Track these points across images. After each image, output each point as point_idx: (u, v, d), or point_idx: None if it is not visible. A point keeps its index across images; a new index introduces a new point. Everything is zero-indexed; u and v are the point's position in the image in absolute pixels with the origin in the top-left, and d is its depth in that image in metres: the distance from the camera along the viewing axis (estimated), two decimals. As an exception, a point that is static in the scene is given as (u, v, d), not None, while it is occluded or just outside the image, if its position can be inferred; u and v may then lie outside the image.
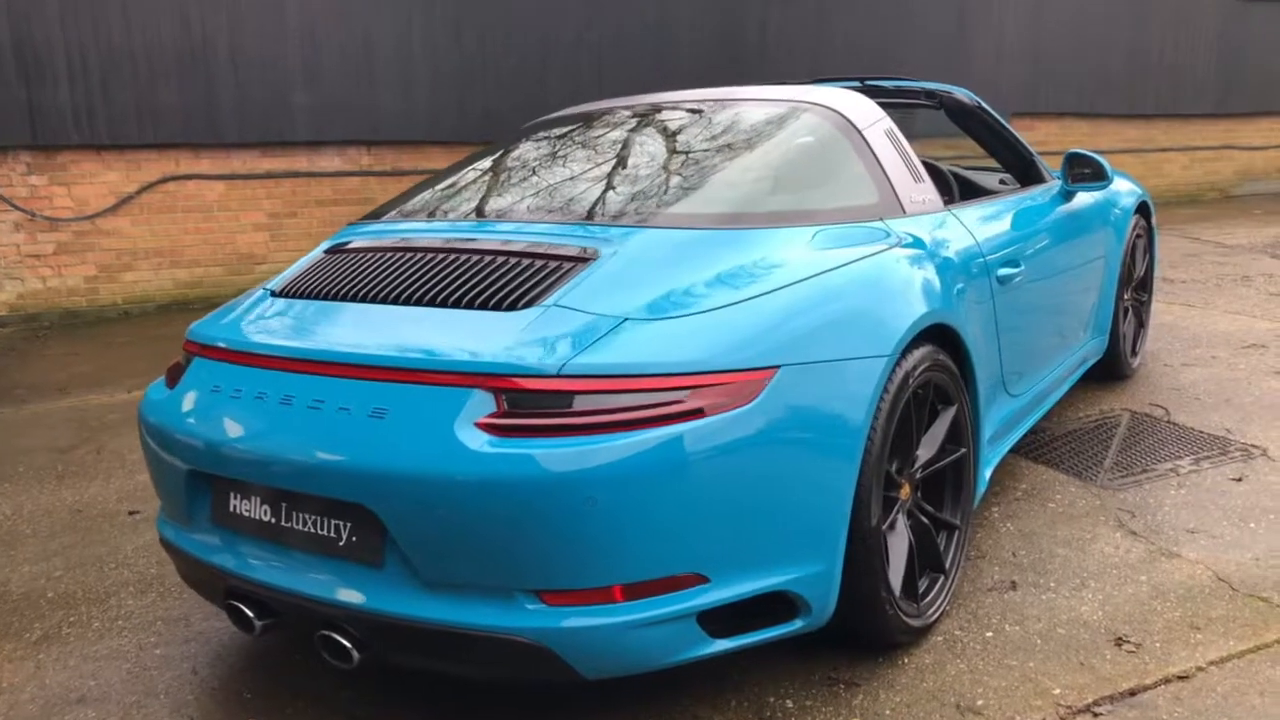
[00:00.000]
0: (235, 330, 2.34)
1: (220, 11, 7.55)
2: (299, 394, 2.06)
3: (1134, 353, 4.52)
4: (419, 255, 2.37)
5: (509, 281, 2.16)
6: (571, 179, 2.68)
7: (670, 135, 2.83)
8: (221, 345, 2.30)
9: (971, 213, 3.04)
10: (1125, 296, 4.41)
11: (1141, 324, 4.63)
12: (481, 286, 2.16)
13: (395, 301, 2.21)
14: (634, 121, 2.99)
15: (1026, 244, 3.23)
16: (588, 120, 3.13)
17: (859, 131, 2.81)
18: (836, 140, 2.78)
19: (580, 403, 1.88)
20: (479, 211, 2.62)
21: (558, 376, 1.88)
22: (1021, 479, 3.41)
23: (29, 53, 7.10)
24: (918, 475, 2.51)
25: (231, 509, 2.17)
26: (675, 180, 2.54)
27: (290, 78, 7.82)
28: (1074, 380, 3.89)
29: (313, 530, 2.04)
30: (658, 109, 3.07)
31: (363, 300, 2.26)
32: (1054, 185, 3.69)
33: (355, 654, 2.00)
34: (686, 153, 2.70)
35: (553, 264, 2.20)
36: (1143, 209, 4.46)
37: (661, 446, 1.86)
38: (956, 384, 2.55)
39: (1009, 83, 10.86)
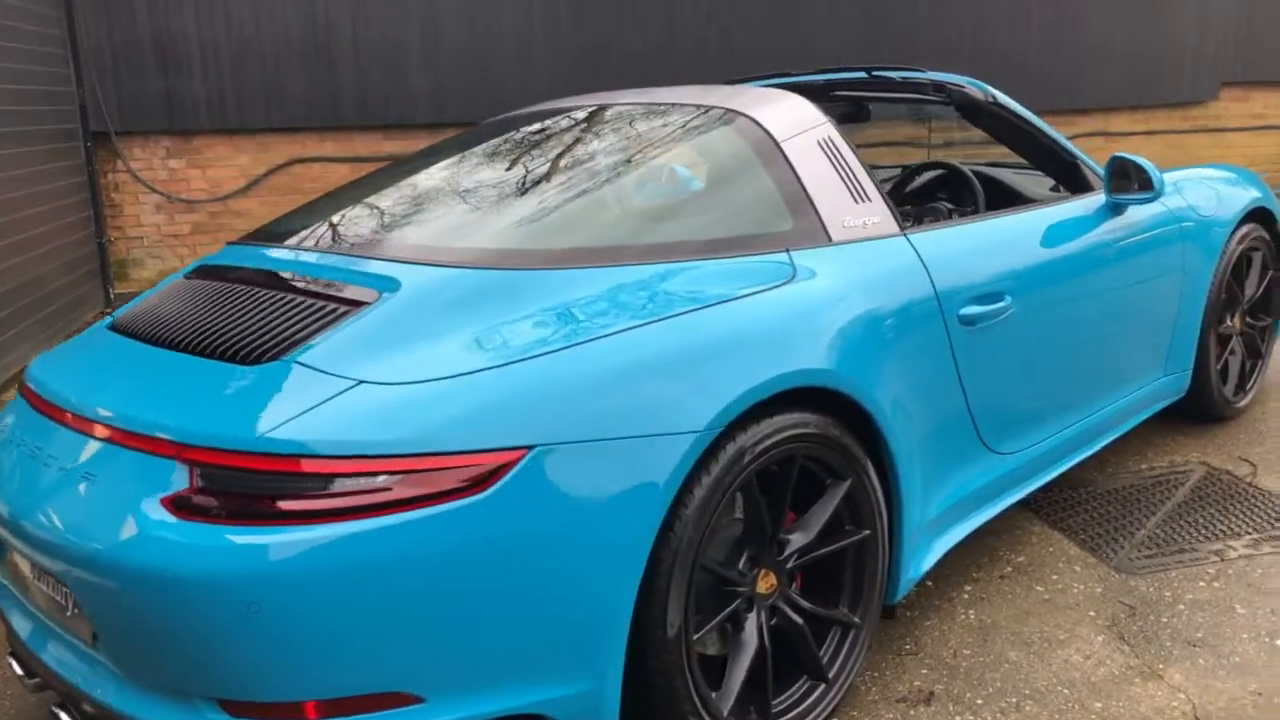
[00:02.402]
0: (47, 369, 2.22)
1: (344, 2, 7.67)
2: (46, 447, 1.92)
3: (1243, 390, 3.76)
4: (230, 289, 2.17)
5: (273, 328, 1.92)
6: (415, 203, 2.40)
7: (550, 151, 2.50)
8: (29, 385, 2.19)
9: (937, 237, 2.52)
10: (1230, 323, 3.66)
11: (1259, 355, 3.85)
12: (246, 332, 1.94)
13: (174, 345, 2.02)
14: (528, 132, 2.66)
15: (1028, 272, 2.68)
16: (491, 130, 2.82)
17: (776, 144, 2.38)
18: (742, 155, 2.36)
19: (272, 485, 1.63)
20: (321, 238, 2.38)
21: (251, 453, 1.64)
22: (1023, 549, 2.87)
23: (166, 44, 7.46)
24: (789, 565, 2.10)
25: (11, 560, 2.07)
26: (513, 208, 2.21)
27: (410, 61, 7.87)
28: (1129, 426, 3.26)
29: (51, 595, 1.90)
30: (567, 114, 2.72)
31: (155, 341, 2.09)
32: (1100, 196, 3.06)
33: None
34: (551, 174, 2.36)
35: (329, 307, 1.94)
36: (1259, 216, 3.68)
37: (351, 543, 1.58)
38: (849, 456, 2.11)
39: (1215, 47, 9.55)
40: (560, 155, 2.43)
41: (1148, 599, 2.57)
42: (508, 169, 2.44)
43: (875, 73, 3.13)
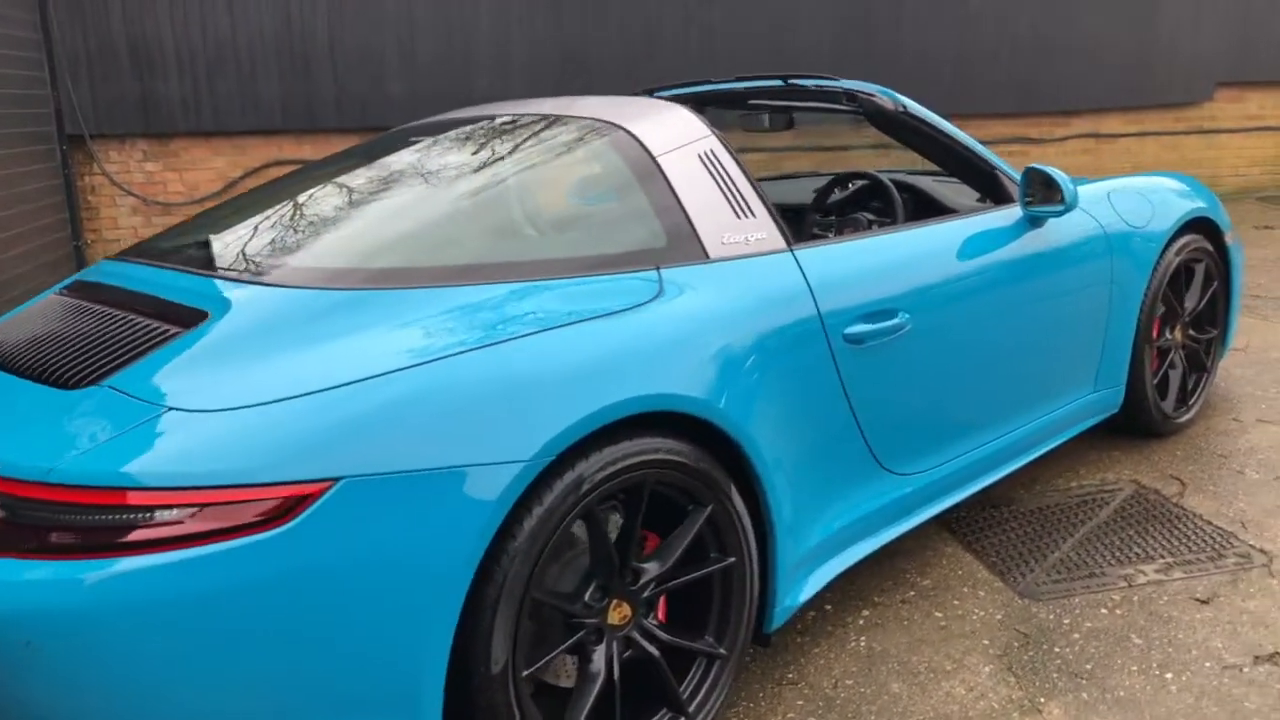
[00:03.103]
0: None
1: (320, 6, 7.65)
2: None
3: (1185, 405, 3.66)
4: (83, 308, 2.13)
5: (102, 350, 1.87)
6: (278, 219, 2.34)
7: (420, 167, 2.43)
8: None
9: (827, 253, 2.45)
10: (1169, 336, 3.57)
11: (1204, 369, 3.75)
12: (76, 355, 1.89)
13: (14, 367, 1.97)
14: (408, 147, 2.60)
15: (929, 288, 2.60)
16: (376, 144, 2.76)
17: (652, 158, 2.32)
18: (615, 170, 2.30)
19: (64, 518, 1.58)
20: (188, 255, 2.33)
21: (43, 484, 1.59)
22: (931, 571, 2.80)
23: (141, 48, 7.46)
24: (646, 594, 2.04)
25: None
26: (363, 226, 2.16)
27: (386, 65, 7.84)
28: (1057, 442, 3.17)
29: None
30: (454, 127, 2.66)
31: (2, 362, 2.04)
32: (1016, 209, 2.98)
33: None
34: (410, 190, 2.31)
35: (161, 329, 1.90)
36: (1202, 226, 3.59)
37: (135, 579, 1.53)
38: (709, 482, 2.05)
39: (1210, 47, 9.39)
40: (427, 171, 2.37)
41: (1045, 627, 2.50)
42: (373, 185, 2.39)
43: (791, 81, 3.05)
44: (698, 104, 3.40)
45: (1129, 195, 3.36)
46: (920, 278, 2.59)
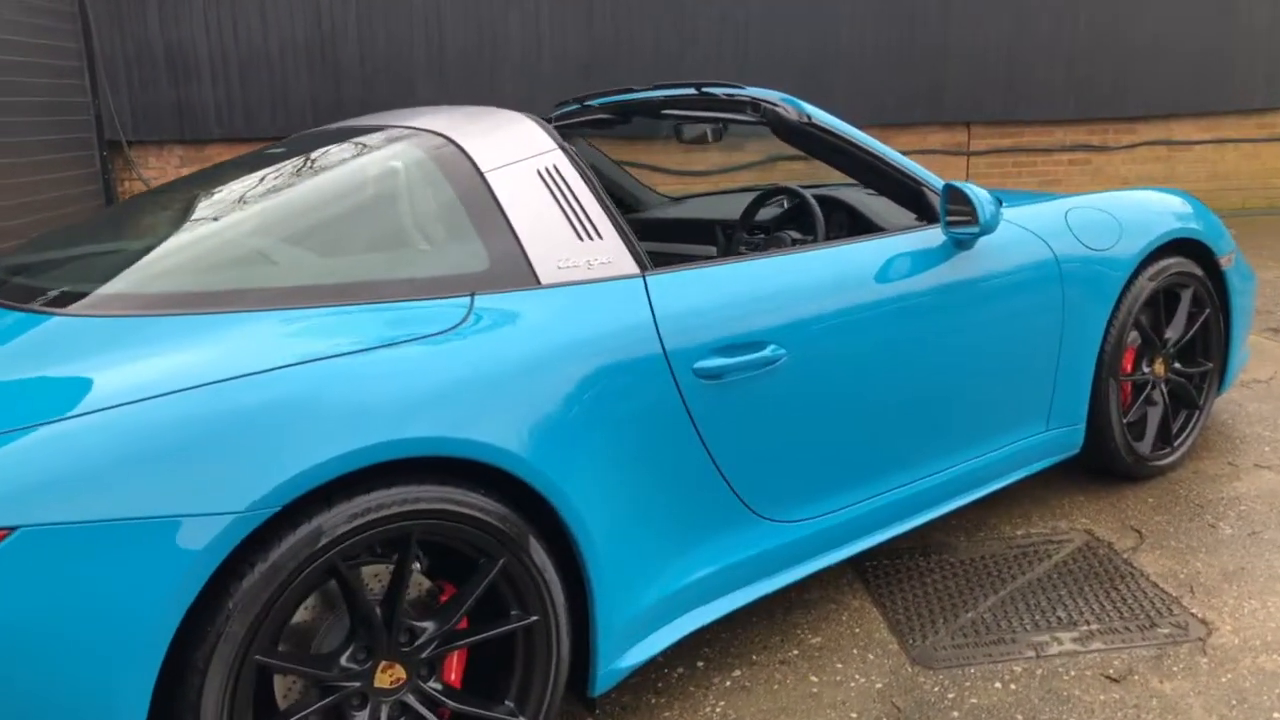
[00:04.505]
0: None
1: (349, 9, 7.67)
2: None
3: (1168, 445, 3.30)
4: None
5: None
6: (89, 240, 2.24)
7: (245, 184, 2.29)
8: None
9: (685, 279, 2.23)
10: (1146, 370, 3.22)
11: (1194, 406, 3.37)
12: None
13: None
14: (249, 164, 2.47)
15: (815, 317, 2.35)
16: (237, 161, 2.64)
17: (479, 174, 2.13)
18: (436, 185, 2.13)
19: None
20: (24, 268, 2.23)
21: None
22: (826, 627, 2.54)
23: (177, 55, 7.59)
24: (426, 654, 1.86)
25: None
26: (154, 246, 2.03)
27: (415, 69, 7.82)
28: (999, 485, 2.87)
29: None
30: (309, 140, 2.52)
31: None
32: (934, 229, 2.69)
33: None
34: (217, 210, 2.17)
35: None
36: (1186, 247, 3.23)
37: None
38: (497, 534, 1.86)
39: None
40: (242, 192, 2.24)
41: (925, 700, 2.23)
42: (188, 207, 2.27)
43: (704, 89, 2.83)
44: (621, 113, 3.20)
45: (1091, 214, 3.03)
46: (801, 306, 2.34)
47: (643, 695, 2.32)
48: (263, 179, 2.31)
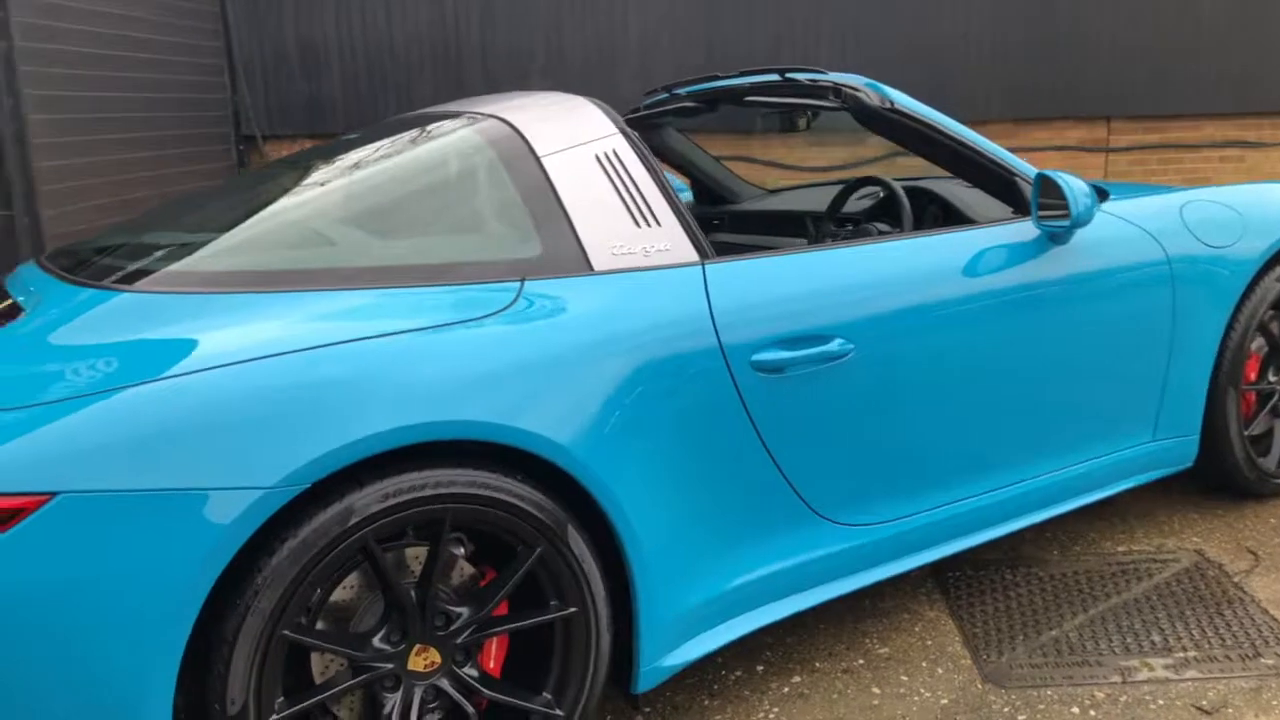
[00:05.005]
0: None
1: (472, 8, 7.82)
2: None
3: (1295, 461, 3.03)
4: None
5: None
6: (170, 221, 2.30)
7: (316, 171, 2.32)
8: None
9: (746, 268, 2.15)
10: (1277, 379, 2.96)
11: (1331, 419, 3.08)
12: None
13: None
14: (330, 150, 2.50)
15: (893, 311, 2.24)
16: (321, 149, 2.68)
17: (536, 158, 2.10)
18: (492, 170, 2.10)
19: None
20: (74, 256, 2.30)
21: None
22: (896, 637, 2.42)
23: (309, 51, 7.88)
24: (461, 640, 1.84)
25: None
26: (220, 227, 2.06)
27: (534, 65, 7.91)
28: (1092, 498, 2.68)
29: None
30: (384, 128, 2.54)
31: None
32: (1026, 222, 2.52)
33: None
34: (285, 193, 2.20)
35: None
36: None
37: None
38: (534, 522, 1.82)
39: None
40: (310, 177, 2.27)
41: (992, 721, 2.09)
42: (264, 191, 2.30)
43: (787, 74, 2.74)
44: (708, 101, 3.13)
45: (1210, 209, 2.80)
46: (871, 299, 2.23)
47: (696, 696, 2.25)
48: (333, 164, 2.34)
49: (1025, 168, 2.58)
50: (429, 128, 2.34)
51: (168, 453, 1.58)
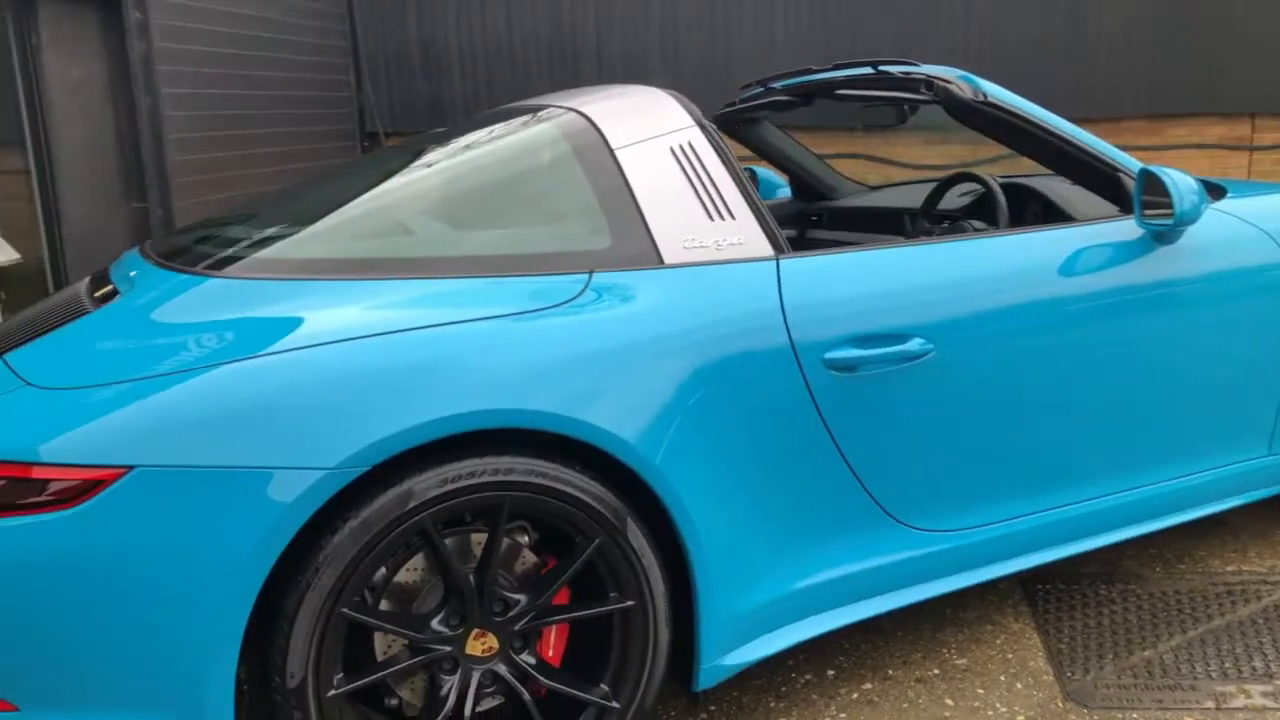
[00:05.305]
0: None
1: (589, 8, 7.90)
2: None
3: None
4: (71, 291, 2.28)
5: (30, 325, 2.00)
6: (265, 212, 2.37)
7: (403, 163, 2.36)
8: None
9: (824, 265, 2.10)
10: None
11: None
12: (15, 330, 2.03)
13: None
14: (419, 144, 2.54)
15: (972, 313, 2.16)
16: (411, 142, 2.73)
17: (609, 150, 2.10)
18: (565, 162, 2.11)
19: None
20: (172, 244, 2.40)
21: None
22: (976, 648, 2.34)
23: (430, 51, 8.10)
24: (519, 626, 1.86)
25: None
26: (309, 217, 2.13)
27: (649, 64, 7.94)
28: (1198, 513, 2.53)
29: None
30: (470, 122, 2.58)
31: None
32: (1128, 220, 2.39)
33: None
34: (370, 185, 2.25)
35: (75, 308, 1.99)
36: None
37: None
38: (593, 514, 1.82)
39: None
40: (403, 167, 2.32)
41: (1070, 742, 2.00)
42: (355, 182, 2.36)
43: (880, 68, 2.67)
44: (802, 94, 3.08)
45: (1341, 207, 2.61)
46: (953, 298, 2.15)
47: (763, 697, 2.22)
48: (421, 157, 2.39)
49: (1131, 163, 2.45)
50: (511, 121, 2.37)
51: (238, 432, 1.64)
